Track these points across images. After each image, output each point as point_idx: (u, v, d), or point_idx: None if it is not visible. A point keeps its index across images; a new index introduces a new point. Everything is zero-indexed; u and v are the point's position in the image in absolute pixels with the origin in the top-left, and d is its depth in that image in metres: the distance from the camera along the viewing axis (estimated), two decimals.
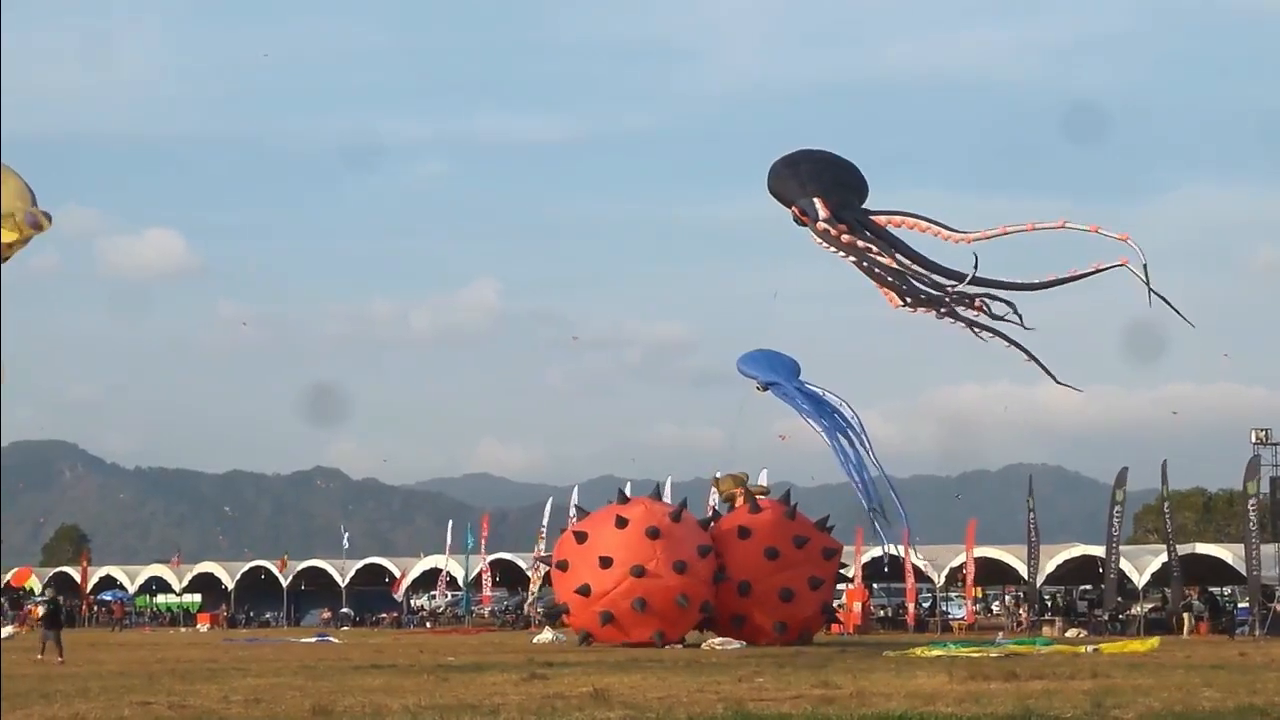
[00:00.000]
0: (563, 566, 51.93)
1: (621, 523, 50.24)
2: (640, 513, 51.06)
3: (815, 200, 40.39)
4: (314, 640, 61.63)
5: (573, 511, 76.37)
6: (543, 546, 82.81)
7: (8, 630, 68.04)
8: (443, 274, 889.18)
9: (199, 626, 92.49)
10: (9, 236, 30.43)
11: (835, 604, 61.64)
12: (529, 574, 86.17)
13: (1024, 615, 74.39)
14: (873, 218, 40.47)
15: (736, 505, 55.42)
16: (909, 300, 39.35)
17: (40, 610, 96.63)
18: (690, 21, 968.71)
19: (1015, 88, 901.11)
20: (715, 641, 50.26)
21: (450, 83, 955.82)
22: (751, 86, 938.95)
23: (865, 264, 39.47)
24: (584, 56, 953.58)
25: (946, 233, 39.17)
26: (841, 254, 39.86)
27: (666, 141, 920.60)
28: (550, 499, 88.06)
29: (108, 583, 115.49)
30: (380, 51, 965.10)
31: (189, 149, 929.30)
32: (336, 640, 61.94)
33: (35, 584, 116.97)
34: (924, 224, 39.79)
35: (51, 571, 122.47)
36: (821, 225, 39.85)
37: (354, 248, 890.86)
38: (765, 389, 51.40)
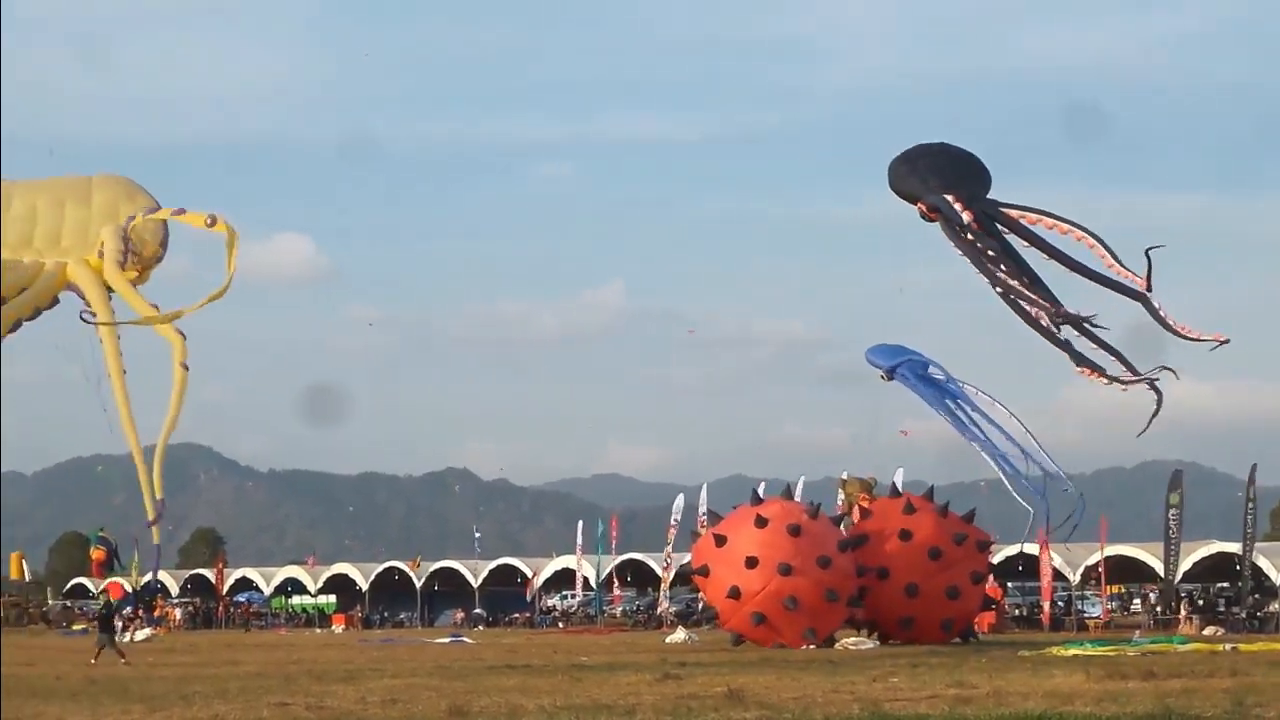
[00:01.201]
0: (704, 572, 51.74)
1: (761, 522, 50.07)
2: (778, 511, 50.95)
3: (946, 197, 40.11)
4: (448, 641, 61.96)
5: (702, 509, 76.41)
6: (671, 546, 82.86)
7: (144, 633, 68.77)
8: (570, 275, 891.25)
9: (334, 627, 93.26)
10: (116, 273, 30.92)
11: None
12: (660, 574, 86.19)
13: (1183, 613, 73.16)
14: (1002, 209, 40.17)
15: (853, 512, 55.36)
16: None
17: (177, 612, 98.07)
18: (815, 18, 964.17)
19: (1145, 78, 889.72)
20: (849, 641, 50.11)
21: (576, 83, 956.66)
22: (879, 82, 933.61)
23: (988, 268, 39.18)
24: (710, 55, 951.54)
25: (1079, 232, 38.87)
26: (961, 250, 39.62)
27: (793, 139, 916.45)
28: (679, 498, 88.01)
29: (244, 584, 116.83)
30: (506, 53, 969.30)
31: (319, 153, 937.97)
32: (470, 641, 62.26)
33: (171, 584, 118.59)
34: (1049, 220, 39.49)
35: (188, 574, 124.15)
36: (956, 216, 39.58)
37: (482, 249, 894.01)
38: (890, 377, 51.13)
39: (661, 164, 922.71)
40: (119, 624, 72.95)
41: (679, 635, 55.46)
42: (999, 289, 39.12)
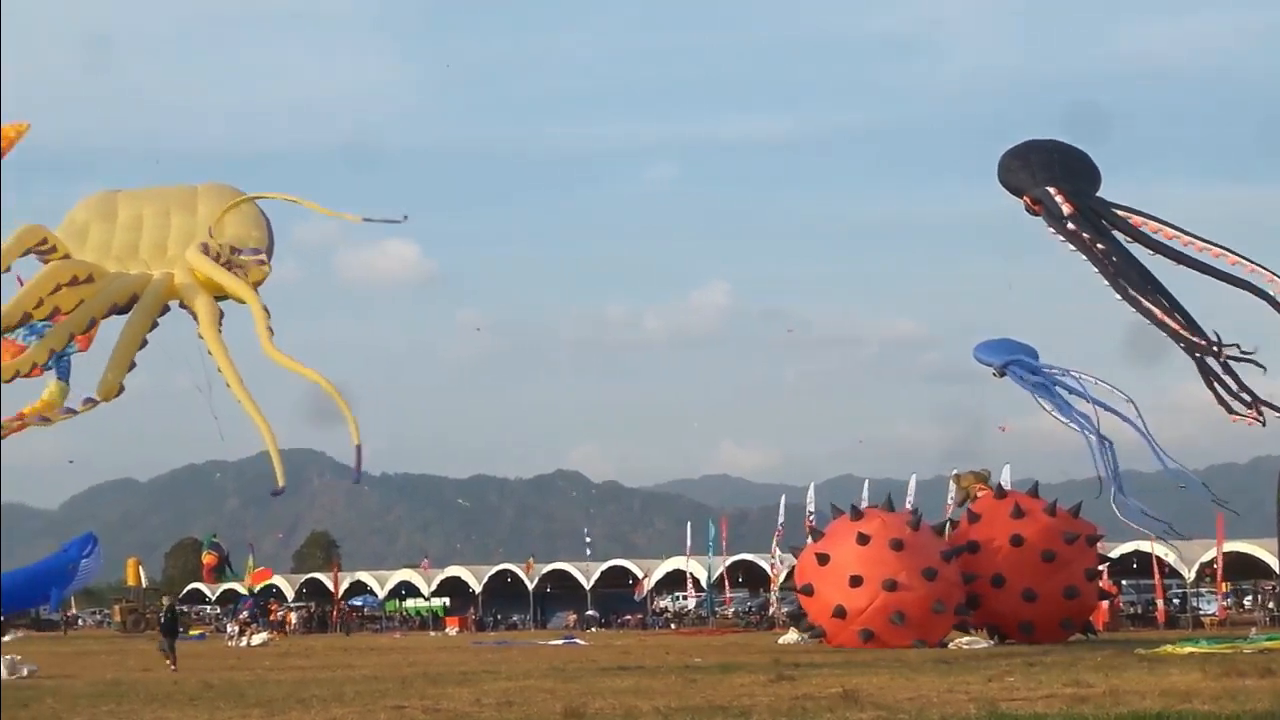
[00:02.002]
0: (808, 591, 51.56)
1: (863, 539, 49.86)
2: (879, 526, 50.68)
3: (1049, 189, 39.91)
4: (561, 642, 62.14)
5: (810, 509, 76.30)
6: (779, 547, 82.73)
7: (261, 637, 69.44)
8: (675, 276, 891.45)
9: (448, 630, 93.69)
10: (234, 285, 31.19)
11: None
12: (771, 574, 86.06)
13: None
14: (1112, 209, 39.96)
15: (977, 498, 54.98)
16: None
17: (293, 616, 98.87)
18: (918, 15, 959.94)
19: (1262, 73, 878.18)
20: (962, 640, 49.86)
21: (679, 85, 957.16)
22: (982, 78, 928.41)
23: (1098, 257, 38.94)
24: (812, 53, 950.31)
25: (1186, 238, 38.61)
26: (1074, 246, 39.42)
27: (897, 136, 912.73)
28: (783, 498, 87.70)
29: (358, 588, 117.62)
30: (609, 56, 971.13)
31: (424, 158, 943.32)
32: (583, 642, 62.40)
33: (286, 588, 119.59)
34: (1154, 224, 39.25)
35: (303, 578, 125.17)
36: (1060, 212, 39.40)
37: (588, 252, 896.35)
38: (1002, 374, 50.83)
39: (766, 164, 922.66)
40: (234, 628, 73.84)
41: (791, 636, 55.30)
42: (1109, 282, 38.89)
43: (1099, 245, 38.91)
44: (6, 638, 76.14)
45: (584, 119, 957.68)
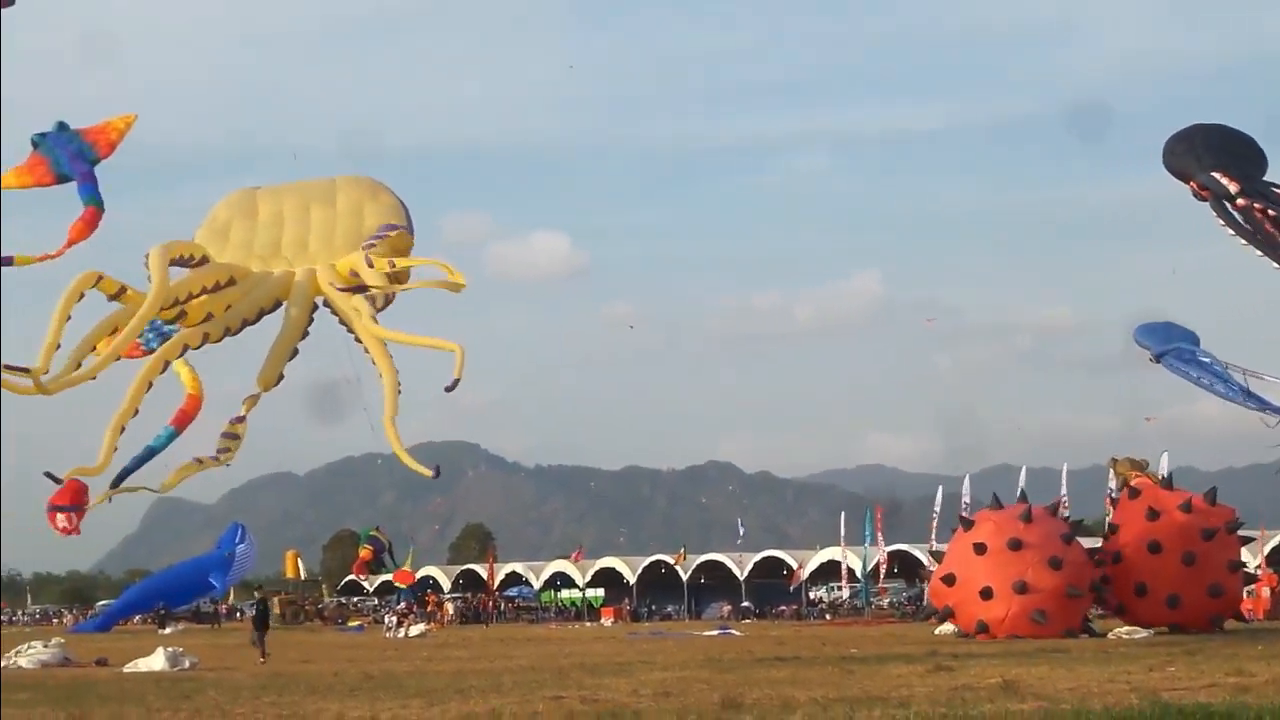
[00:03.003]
0: (948, 614, 51.24)
1: (981, 549, 49.50)
2: (992, 529, 50.28)
3: (1216, 174, 39.25)
4: (716, 633, 62.17)
5: (966, 499, 75.77)
6: (935, 538, 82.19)
7: (419, 628, 69.98)
8: (825, 266, 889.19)
9: (603, 620, 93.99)
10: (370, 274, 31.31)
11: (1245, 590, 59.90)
12: (926, 564, 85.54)
13: None
14: (1276, 191, 39.21)
15: (1133, 482, 54.36)
16: None
17: (449, 607, 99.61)
18: (1070, 2, 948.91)
19: None
20: (1122, 630, 49.28)
21: (830, 76, 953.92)
22: (1136, 65, 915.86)
23: (1268, 241, 38.21)
24: (962, 42, 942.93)
25: None
26: (1240, 231, 38.70)
27: (1050, 124, 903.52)
28: (940, 489, 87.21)
29: (514, 579, 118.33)
30: (758, 46, 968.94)
31: (573, 152, 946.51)
32: (738, 633, 62.37)
33: (442, 579, 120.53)
34: None
35: (459, 569, 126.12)
36: (1227, 193, 38.71)
37: (737, 243, 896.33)
38: (1158, 359, 50.14)
39: (917, 153, 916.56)
40: (393, 619, 74.50)
41: (948, 626, 54.88)
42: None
43: (1269, 227, 38.19)
44: (167, 630, 77.44)
45: (734, 110, 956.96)
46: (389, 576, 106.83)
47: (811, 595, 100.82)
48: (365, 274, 31.07)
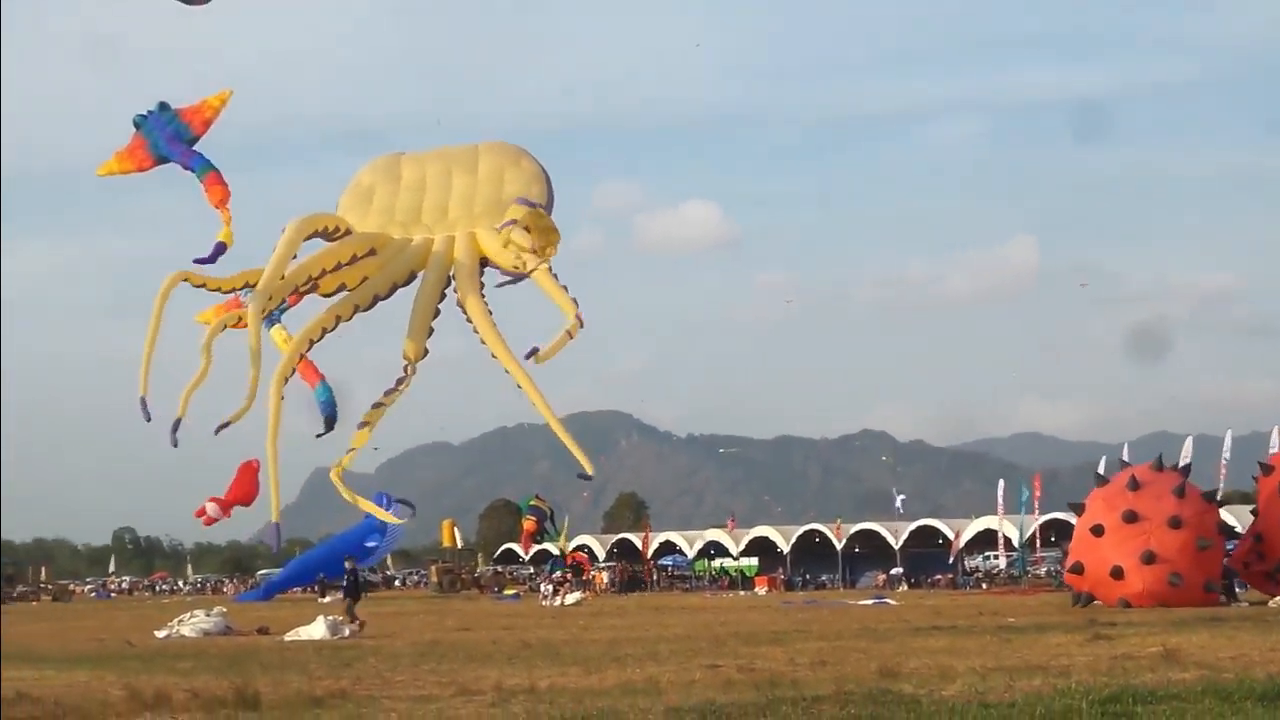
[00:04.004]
0: (1089, 600, 50.62)
1: (1099, 531, 49.20)
2: (1101, 505, 50.13)
3: None
4: (871, 602, 61.91)
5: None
6: None
7: (574, 596, 70.28)
8: (979, 233, 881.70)
9: (757, 589, 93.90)
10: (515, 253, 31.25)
11: None
12: None
13: None
14: None
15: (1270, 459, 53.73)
16: None
17: (604, 576, 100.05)
18: None
19: None
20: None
21: (983, 41, 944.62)
22: None
23: None
24: (1121, 4, 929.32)
25: None
26: None
27: (1210, 89, 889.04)
28: (1104, 458, 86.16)
29: (667, 548, 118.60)
30: (908, 15, 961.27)
31: (724, 122, 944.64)
32: (893, 602, 62.07)
33: (597, 548, 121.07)
34: None
35: (614, 538, 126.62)
36: None
37: (888, 210, 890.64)
38: None
39: (1072, 118, 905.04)
40: (549, 587, 74.95)
41: None
42: None
43: None
44: (326, 599, 78.42)
45: (885, 77, 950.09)
46: (548, 545, 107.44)
47: (967, 564, 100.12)
48: (497, 255, 30.93)
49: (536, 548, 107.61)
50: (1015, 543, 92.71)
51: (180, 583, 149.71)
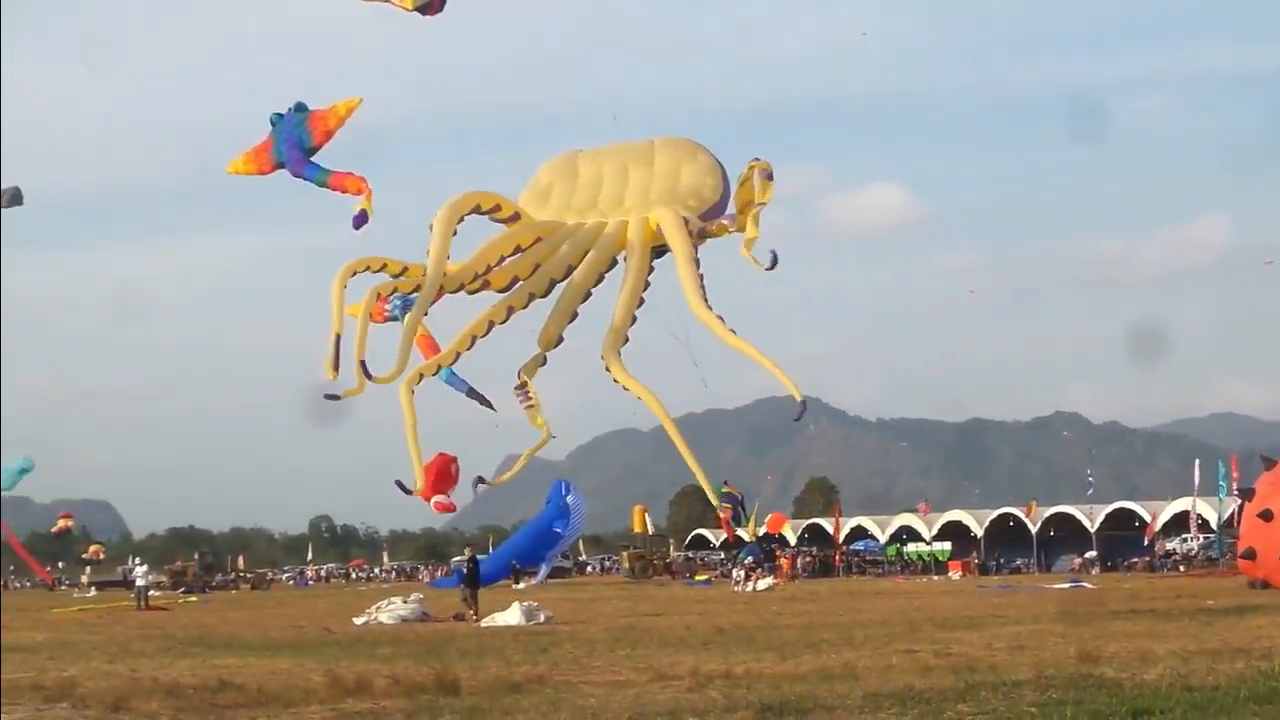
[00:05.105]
0: (1264, 585, 49.63)
1: (1267, 516, 48.05)
2: (1269, 490, 49.12)
3: None
4: (1067, 586, 61.29)
5: None
6: None
7: (766, 582, 70.22)
8: (1170, 210, 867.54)
9: (950, 574, 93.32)
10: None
11: None
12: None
13: None
14: None
15: None
16: None
17: (796, 561, 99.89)
18: None
19: None
20: None
21: (1172, 15, 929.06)
22: None
23: None
24: None
25: None
26: None
27: None
28: None
29: (859, 533, 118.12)
30: None
31: (908, 103, 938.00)
32: (1089, 586, 61.42)
33: (788, 534, 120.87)
34: None
35: (805, 523, 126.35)
36: None
37: (1077, 189, 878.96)
38: None
39: (1263, 92, 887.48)
40: (740, 573, 74.97)
41: None
42: None
43: None
44: (520, 585, 79.12)
45: (1072, 52, 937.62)
46: (740, 532, 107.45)
47: (1163, 547, 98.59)
48: (673, 234, 30.85)
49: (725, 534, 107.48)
50: (1214, 525, 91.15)
51: (376, 570, 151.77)
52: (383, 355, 29.33)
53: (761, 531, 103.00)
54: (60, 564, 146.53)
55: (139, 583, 64.39)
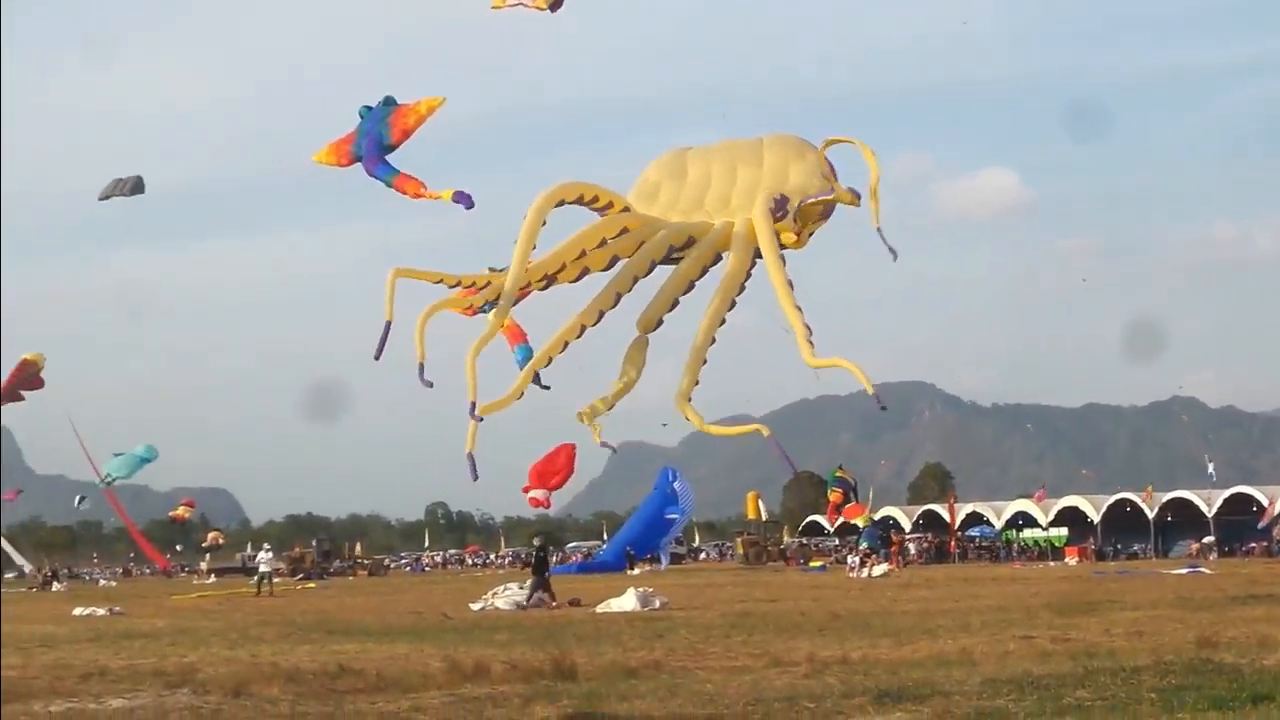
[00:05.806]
0: None
1: None
2: None
3: None
4: (1185, 571, 60.71)
5: None
6: None
7: (881, 568, 69.97)
8: None
9: (1067, 560, 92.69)
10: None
11: None
12: None
13: None
14: None
15: None
16: None
17: (910, 547, 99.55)
18: None
19: None
20: None
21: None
22: None
23: None
24: None
25: None
26: None
27: None
28: None
29: (974, 519, 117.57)
30: None
31: (1019, 89, 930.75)
32: (1208, 571, 60.81)
33: (903, 519, 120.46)
34: None
35: (920, 509, 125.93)
36: None
37: (1189, 173, 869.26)
38: None
39: None
40: (855, 559, 74.78)
41: None
42: None
43: None
44: (635, 571, 79.36)
45: (1183, 36, 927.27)
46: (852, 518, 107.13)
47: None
48: (762, 232, 30.74)
49: (840, 520, 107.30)
50: None
51: (492, 556, 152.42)
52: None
53: (877, 517, 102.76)
54: (179, 548, 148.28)
55: (263, 569, 65.01)
